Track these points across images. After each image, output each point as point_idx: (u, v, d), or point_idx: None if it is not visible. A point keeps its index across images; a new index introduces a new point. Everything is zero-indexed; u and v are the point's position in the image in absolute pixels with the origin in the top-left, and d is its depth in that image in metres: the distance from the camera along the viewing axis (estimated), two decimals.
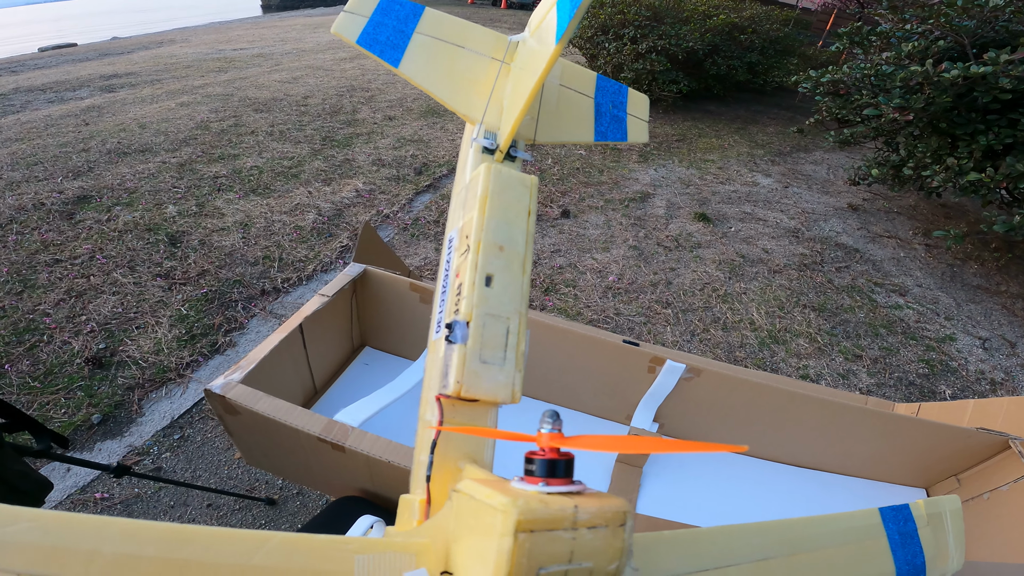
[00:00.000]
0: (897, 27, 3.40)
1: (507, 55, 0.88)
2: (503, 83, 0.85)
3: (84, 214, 3.14)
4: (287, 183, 3.72)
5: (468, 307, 0.52)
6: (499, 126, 0.80)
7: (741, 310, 2.75)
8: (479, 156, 0.77)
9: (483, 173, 0.57)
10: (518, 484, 0.36)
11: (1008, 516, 1.09)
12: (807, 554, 0.51)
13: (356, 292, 1.36)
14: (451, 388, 0.50)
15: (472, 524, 0.35)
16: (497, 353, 0.51)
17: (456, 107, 0.83)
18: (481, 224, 0.55)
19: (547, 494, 0.33)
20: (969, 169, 2.88)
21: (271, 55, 8.15)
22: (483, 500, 0.33)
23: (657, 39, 5.43)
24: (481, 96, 0.83)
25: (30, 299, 2.42)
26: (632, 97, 1.01)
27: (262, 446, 1.07)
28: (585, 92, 0.96)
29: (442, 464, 0.52)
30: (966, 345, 2.65)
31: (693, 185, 4.27)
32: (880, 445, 1.25)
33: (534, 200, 0.58)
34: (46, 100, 5.50)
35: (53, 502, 1.65)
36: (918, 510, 0.59)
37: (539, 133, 0.86)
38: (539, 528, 0.30)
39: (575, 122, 0.92)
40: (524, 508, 0.30)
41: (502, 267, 0.54)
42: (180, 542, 0.35)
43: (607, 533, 0.32)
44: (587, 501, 0.32)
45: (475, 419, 0.54)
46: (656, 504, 1.21)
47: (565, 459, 0.37)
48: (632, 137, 0.98)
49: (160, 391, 2.06)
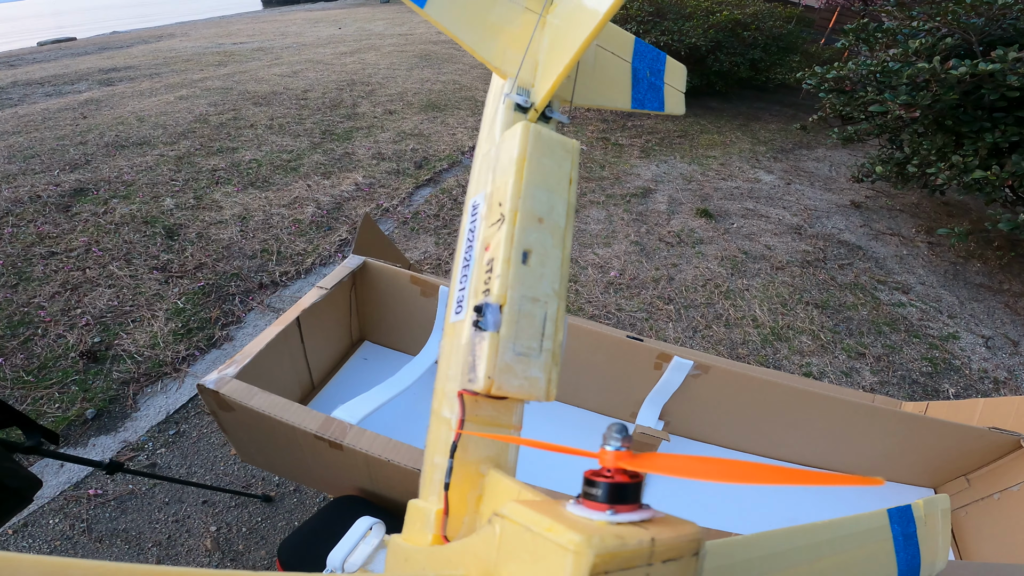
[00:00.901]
0: (904, 24, 3.37)
1: (545, 7, 0.80)
2: (540, 36, 0.77)
3: (81, 207, 3.11)
4: (286, 176, 3.69)
5: (502, 287, 0.45)
6: (533, 83, 0.72)
7: (743, 307, 2.73)
8: (511, 113, 0.69)
9: (520, 133, 0.51)
10: (578, 510, 0.31)
11: (1019, 517, 1.07)
12: (828, 559, 0.49)
13: (355, 285, 1.34)
14: (481, 384, 0.44)
15: (527, 560, 0.30)
16: (533, 344, 0.45)
17: (487, 57, 0.75)
18: (518, 191, 0.48)
19: (618, 524, 0.29)
20: (974, 167, 2.85)
21: (271, 49, 8.10)
22: (545, 535, 0.29)
23: (660, 35, 5.40)
24: (514, 48, 0.75)
25: (25, 292, 2.40)
26: (670, 65, 0.95)
27: (257, 443, 1.05)
28: (623, 56, 0.89)
29: (461, 468, 0.47)
30: (969, 344, 2.63)
31: (695, 181, 4.24)
32: (888, 444, 1.23)
33: (576, 167, 0.52)
34: (44, 94, 5.47)
35: (47, 498, 1.63)
36: (918, 511, 0.58)
37: (576, 94, 0.79)
38: (615, 568, 0.27)
39: (612, 86, 0.85)
40: (600, 548, 0.26)
41: (541, 242, 0.48)
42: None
43: (681, 564, 0.29)
44: (662, 531, 0.29)
45: (499, 416, 0.49)
46: (661, 501, 1.18)
47: (636, 482, 0.32)
48: (669, 108, 0.91)
49: (155, 386, 2.04)
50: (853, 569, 0.51)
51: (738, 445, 1.33)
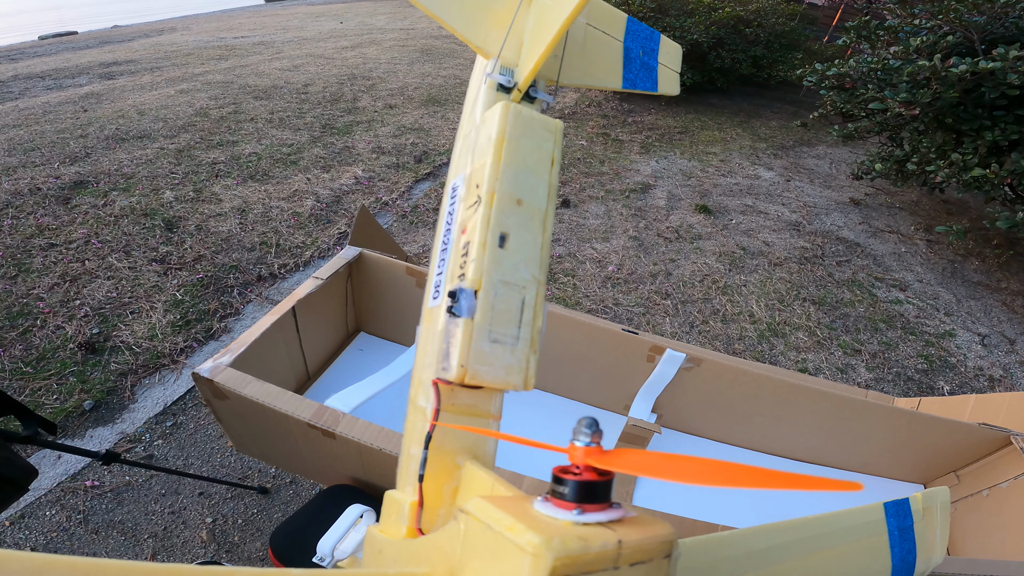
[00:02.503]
0: (906, 22, 3.36)
1: None
2: (524, 15, 0.76)
3: (80, 199, 3.12)
4: (286, 170, 3.69)
5: (477, 272, 0.44)
6: (517, 62, 0.71)
7: (741, 302, 2.73)
8: (493, 94, 0.67)
9: (499, 112, 0.50)
10: (544, 508, 0.30)
11: (1008, 513, 1.08)
12: (820, 553, 0.49)
13: (351, 275, 1.34)
14: (453, 373, 0.43)
15: (487, 557, 0.29)
16: (510, 330, 0.44)
17: (469, 37, 0.74)
18: (496, 172, 0.47)
19: (584, 525, 0.28)
20: (974, 165, 2.85)
21: (272, 43, 8.08)
22: (505, 535, 0.28)
23: (661, 31, 5.38)
24: (499, 29, 0.74)
25: (24, 283, 2.40)
26: (665, 45, 0.92)
27: (252, 433, 1.06)
28: (614, 34, 0.87)
29: (437, 459, 0.45)
30: (965, 341, 2.63)
31: (695, 177, 4.24)
32: (879, 440, 1.23)
33: (559, 147, 0.50)
34: (45, 87, 5.46)
35: (43, 489, 1.63)
36: (916, 504, 0.58)
37: (563, 74, 0.77)
38: (577, 572, 0.25)
39: (602, 65, 0.83)
40: (560, 551, 0.25)
41: (519, 224, 0.46)
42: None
43: (651, 567, 0.27)
44: (631, 533, 0.27)
45: (477, 405, 0.47)
46: (653, 497, 1.19)
47: (605, 480, 0.30)
48: (663, 88, 0.89)
49: (153, 377, 2.04)
50: (845, 564, 0.51)
51: (730, 439, 1.34)
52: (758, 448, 1.33)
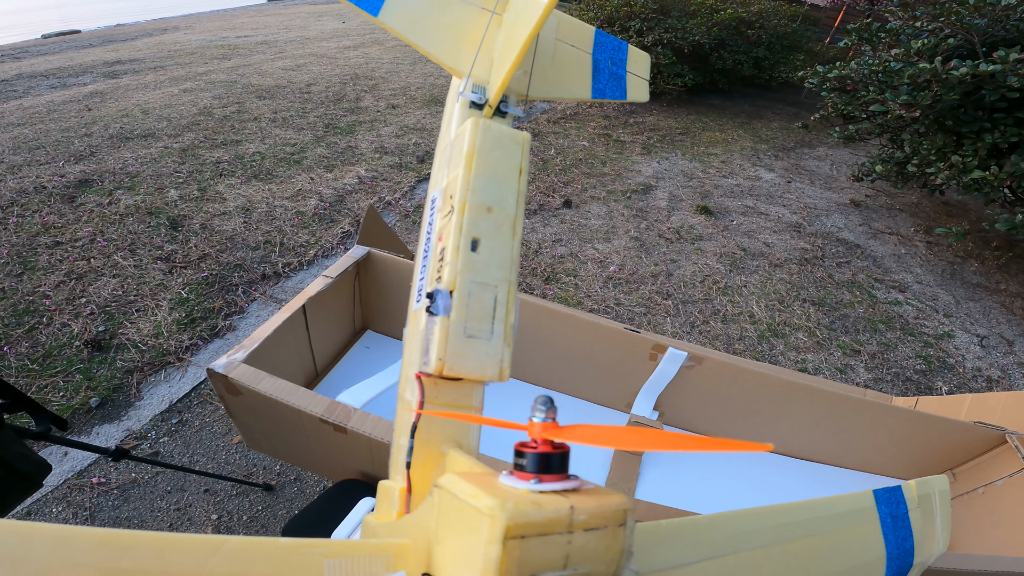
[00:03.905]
0: (907, 24, 3.38)
1: (499, 5, 0.83)
2: (494, 34, 0.80)
3: (85, 197, 3.14)
4: (289, 169, 3.71)
5: (452, 274, 0.48)
6: (489, 80, 0.75)
7: (741, 303, 2.75)
8: (466, 111, 0.72)
9: (470, 128, 0.54)
10: (507, 480, 0.32)
11: (1002, 510, 1.09)
12: (804, 539, 0.49)
13: (359, 274, 1.36)
14: (432, 366, 0.46)
15: (456, 526, 0.32)
16: (484, 325, 0.48)
17: (442, 59, 0.77)
18: (467, 183, 0.51)
19: (540, 493, 0.30)
20: (973, 167, 2.87)
21: (275, 42, 8.10)
22: (467, 500, 0.30)
23: (663, 32, 5.40)
24: (470, 48, 0.78)
25: (30, 281, 2.42)
26: (632, 54, 0.96)
27: (263, 428, 1.08)
28: (583, 47, 0.91)
29: (423, 449, 0.49)
30: (964, 342, 2.65)
31: (696, 178, 4.26)
32: (877, 438, 1.25)
33: (526, 158, 0.54)
34: (49, 86, 5.48)
35: (50, 486, 1.65)
36: (909, 492, 0.58)
37: (532, 88, 0.81)
38: (531, 533, 0.27)
39: (571, 78, 0.87)
40: (514, 512, 0.27)
41: (490, 230, 0.50)
42: (120, 548, 0.31)
43: (606, 534, 0.29)
44: (584, 500, 0.30)
45: (459, 398, 0.51)
46: (655, 491, 1.21)
47: (560, 452, 0.33)
48: (632, 95, 0.93)
49: (159, 375, 2.06)
50: (834, 550, 0.51)
51: (730, 436, 1.36)
52: None
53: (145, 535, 0.32)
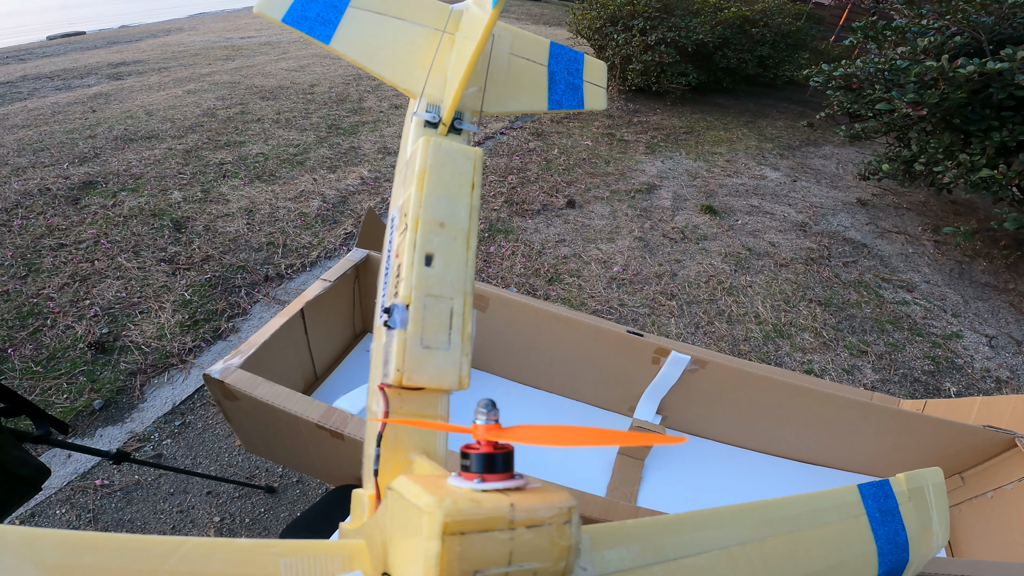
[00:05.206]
0: (913, 22, 3.35)
1: (449, 24, 0.84)
2: (446, 54, 0.81)
3: (89, 199, 3.14)
4: (292, 170, 3.71)
5: (407, 289, 0.49)
6: (443, 98, 0.76)
7: (746, 303, 2.73)
8: (420, 130, 0.73)
9: (421, 147, 0.55)
10: (454, 481, 0.34)
11: (1012, 515, 1.08)
12: (783, 536, 0.49)
13: (359, 278, 1.35)
14: (392, 377, 0.48)
15: (404, 525, 0.33)
16: (440, 337, 0.49)
17: (395, 81, 0.79)
18: (419, 200, 0.52)
19: (480, 491, 0.31)
20: (981, 166, 2.84)
21: (278, 43, 8.11)
22: (411, 500, 0.31)
23: (667, 31, 5.38)
24: (424, 69, 0.79)
25: (34, 283, 2.43)
26: (589, 64, 0.98)
27: (261, 433, 1.07)
28: (537, 60, 0.93)
29: (391, 457, 0.50)
30: (972, 342, 2.62)
31: (700, 177, 4.24)
32: (884, 441, 1.24)
33: (479, 173, 0.55)
34: (53, 88, 5.50)
35: (54, 489, 1.65)
36: (899, 486, 0.57)
37: (487, 103, 0.83)
38: (470, 530, 0.28)
39: (527, 91, 0.89)
40: (451, 509, 0.28)
41: (444, 244, 0.52)
42: (83, 548, 0.33)
43: (550, 531, 0.30)
44: (526, 498, 0.30)
45: (424, 407, 0.52)
46: (657, 498, 1.20)
47: (503, 452, 0.34)
48: (589, 104, 0.95)
49: (162, 377, 2.06)
50: (818, 546, 0.51)
51: (734, 440, 1.34)
52: (763, 450, 1.33)
53: (108, 536, 0.34)
